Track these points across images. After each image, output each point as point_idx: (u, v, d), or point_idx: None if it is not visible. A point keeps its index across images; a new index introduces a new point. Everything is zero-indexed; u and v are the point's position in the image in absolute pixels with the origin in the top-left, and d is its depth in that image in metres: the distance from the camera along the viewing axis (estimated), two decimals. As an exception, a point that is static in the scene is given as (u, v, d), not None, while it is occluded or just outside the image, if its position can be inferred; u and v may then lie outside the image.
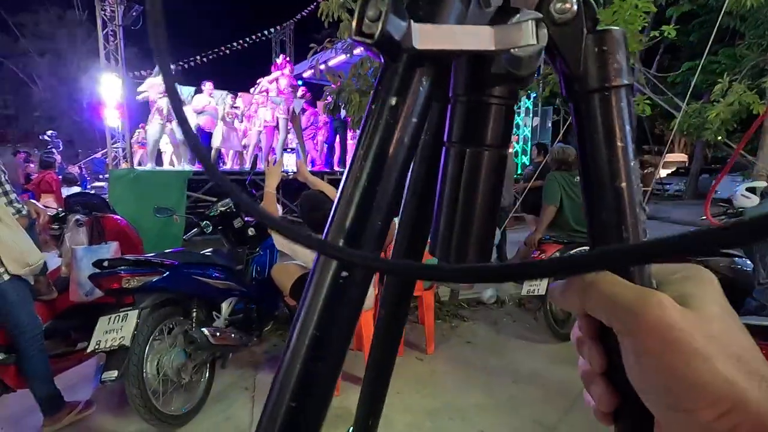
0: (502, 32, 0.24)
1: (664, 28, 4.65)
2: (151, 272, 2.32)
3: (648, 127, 17.43)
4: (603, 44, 0.26)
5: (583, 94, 0.27)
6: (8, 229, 2.11)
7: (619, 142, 0.26)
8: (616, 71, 0.26)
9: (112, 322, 2.19)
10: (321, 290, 0.25)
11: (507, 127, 0.29)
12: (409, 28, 0.22)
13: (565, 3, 0.26)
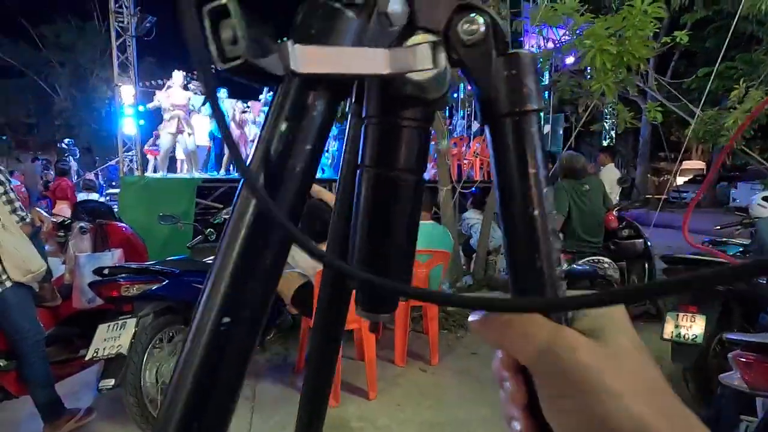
0: (397, 55, 0.22)
1: (677, 34, 4.57)
2: (151, 280, 2.33)
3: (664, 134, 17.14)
4: (513, 68, 0.25)
5: (496, 118, 0.25)
6: (11, 237, 2.14)
7: (531, 169, 0.25)
8: (526, 96, 0.25)
9: (110, 330, 2.20)
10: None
11: (422, 151, 0.27)
12: (287, 50, 0.20)
13: (473, 24, 0.24)
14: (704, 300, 2.54)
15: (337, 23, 0.22)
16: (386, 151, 0.27)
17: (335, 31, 0.22)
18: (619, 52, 3.99)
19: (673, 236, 8.84)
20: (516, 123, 0.25)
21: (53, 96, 21.35)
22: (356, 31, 0.22)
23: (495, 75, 0.25)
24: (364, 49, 0.22)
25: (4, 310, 2.14)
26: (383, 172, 0.27)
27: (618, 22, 4.06)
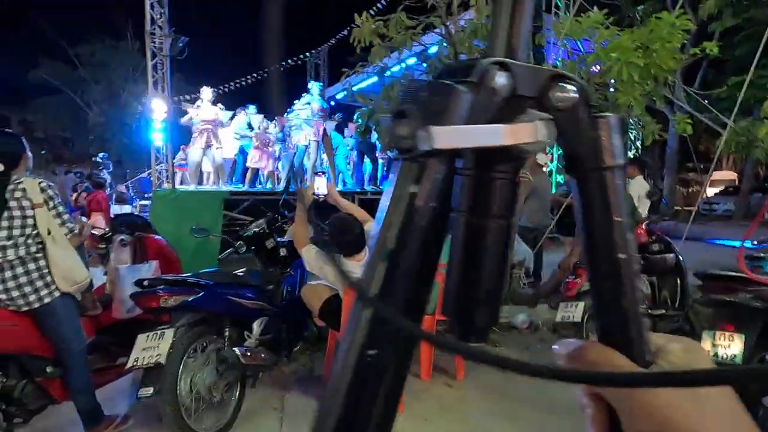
0: (514, 130, 0.26)
1: (706, 44, 4.49)
2: (188, 292, 2.42)
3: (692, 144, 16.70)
4: (600, 128, 0.28)
5: (583, 171, 0.28)
6: (60, 249, 2.27)
7: (617, 218, 0.28)
8: (612, 153, 0.28)
9: (149, 339, 2.28)
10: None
11: (511, 198, 0.30)
12: (429, 131, 0.24)
13: (566, 92, 0.27)
14: (742, 318, 2.46)
15: (455, 99, 0.26)
16: (480, 200, 0.30)
17: (454, 106, 0.25)
18: (646, 65, 3.95)
19: (704, 250, 8.55)
20: (604, 177, 0.28)
21: (87, 111, 22.37)
22: (469, 104, 0.26)
23: (584, 135, 0.28)
24: (486, 126, 0.25)
25: (53, 321, 2.25)
26: (476, 219, 0.31)
27: (645, 34, 4.03)
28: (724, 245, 9.33)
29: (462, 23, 5.21)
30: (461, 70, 0.27)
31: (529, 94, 0.28)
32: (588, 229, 0.29)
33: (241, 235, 3.49)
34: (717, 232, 10.63)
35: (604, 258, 0.29)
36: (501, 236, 0.31)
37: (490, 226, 0.31)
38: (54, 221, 2.26)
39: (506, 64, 0.27)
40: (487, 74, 0.26)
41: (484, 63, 0.27)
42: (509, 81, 0.27)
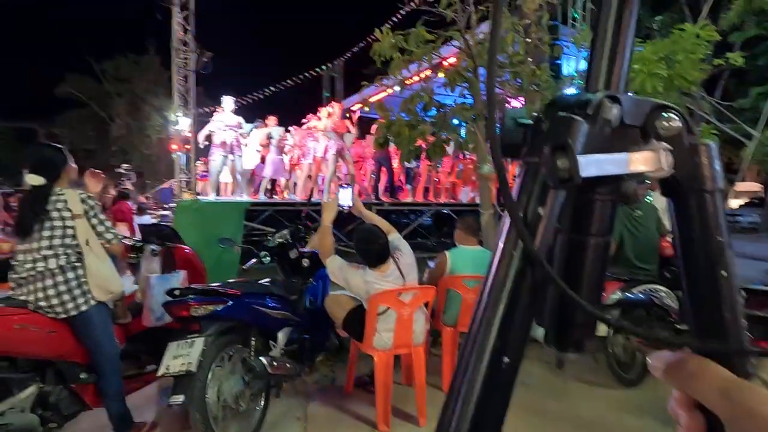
0: (638, 159, 0.28)
1: (730, 55, 4.45)
2: (217, 301, 2.46)
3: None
4: (702, 154, 0.30)
5: (684, 194, 0.30)
6: (97, 259, 2.34)
7: (719, 237, 0.30)
8: (712, 178, 0.31)
9: (180, 347, 2.33)
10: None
11: (610, 218, 0.32)
12: (576, 161, 0.26)
13: (671, 122, 0.30)
14: (778, 334, 2.40)
15: (575, 130, 0.28)
16: (581, 220, 0.33)
17: (575, 137, 0.28)
18: (670, 76, 3.93)
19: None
20: (704, 198, 0.31)
21: (110, 124, 23.08)
22: (587, 134, 0.28)
23: (686, 160, 0.31)
24: (614, 155, 0.28)
25: (88, 328, 2.31)
26: (578, 237, 0.33)
27: (668, 45, 4.02)
28: (750, 258, 9.08)
29: (480, 36, 5.26)
30: (575, 103, 0.30)
31: (635, 124, 0.30)
32: (688, 251, 0.31)
33: (265, 245, 3.54)
34: (742, 245, 10.35)
35: (705, 276, 0.31)
36: (599, 253, 0.33)
37: (590, 243, 0.33)
38: (91, 232, 2.34)
39: (617, 96, 0.30)
40: (601, 107, 0.29)
41: (598, 96, 0.29)
42: (619, 112, 0.29)
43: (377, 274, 2.78)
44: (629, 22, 0.32)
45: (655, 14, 13.91)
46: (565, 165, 0.26)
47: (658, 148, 0.29)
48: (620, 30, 0.32)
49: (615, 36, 0.32)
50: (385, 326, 2.81)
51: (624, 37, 0.32)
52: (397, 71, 5.15)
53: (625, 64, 0.32)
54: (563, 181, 0.26)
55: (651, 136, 0.31)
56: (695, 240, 0.31)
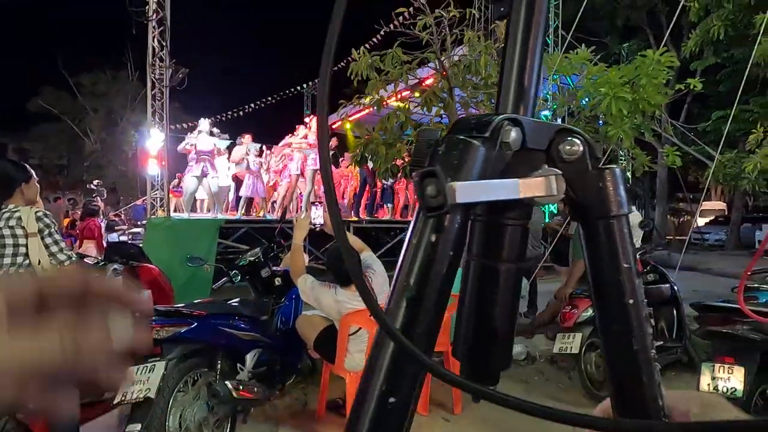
0: (528, 185, 0.27)
1: (690, 81, 4.67)
2: (181, 323, 2.37)
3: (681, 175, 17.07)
4: (605, 180, 0.29)
5: (590, 220, 0.30)
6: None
7: (624, 264, 0.29)
8: (617, 203, 0.30)
9: (139, 372, 2.22)
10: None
11: (522, 244, 0.31)
12: (452, 188, 0.25)
13: (573, 146, 0.29)
14: (741, 350, 2.45)
15: (471, 154, 0.27)
16: (492, 245, 0.32)
17: (470, 160, 0.27)
18: (634, 99, 4.09)
19: (698, 279, 8.59)
20: (610, 225, 0.30)
21: (84, 139, 22.53)
22: (484, 157, 0.27)
23: (590, 185, 0.30)
24: (503, 180, 0.27)
25: (40, 352, 2.18)
26: (489, 263, 0.32)
27: (631, 70, 4.20)
28: (717, 275, 9.39)
29: (455, 58, 5.40)
30: (475, 125, 0.29)
31: (539, 147, 0.30)
32: (596, 276, 0.31)
33: (236, 264, 3.46)
34: (708, 262, 10.70)
35: (613, 303, 0.30)
36: (511, 280, 0.32)
37: (501, 269, 0.32)
38: (44, 252, 2.23)
39: (518, 120, 0.29)
40: (500, 130, 0.28)
41: (497, 119, 0.28)
42: (520, 135, 0.29)
43: (349, 293, 2.74)
44: (536, 46, 0.32)
45: (623, 41, 14.61)
46: (434, 192, 0.25)
47: (549, 174, 0.28)
48: (527, 54, 0.31)
49: (522, 60, 0.31)
50: (357, 347, 2.75)
51: (531, 61, 0.32)
52: (374, 91, 5.22)
53: (532, 88, 0.32)
54: (432, 209, 0.24)
55: (555, 161, 0.30)
56: (603, 267, 0.30)
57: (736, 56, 8.84)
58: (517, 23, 0.32)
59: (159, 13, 6.57)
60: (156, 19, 6.42)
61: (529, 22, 0.32)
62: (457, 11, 5.23)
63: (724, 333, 2.50)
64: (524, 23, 0.32)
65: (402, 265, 0.28)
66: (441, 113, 5.65)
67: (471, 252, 0.32)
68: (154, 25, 6.49)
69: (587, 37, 10.76)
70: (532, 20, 0.32)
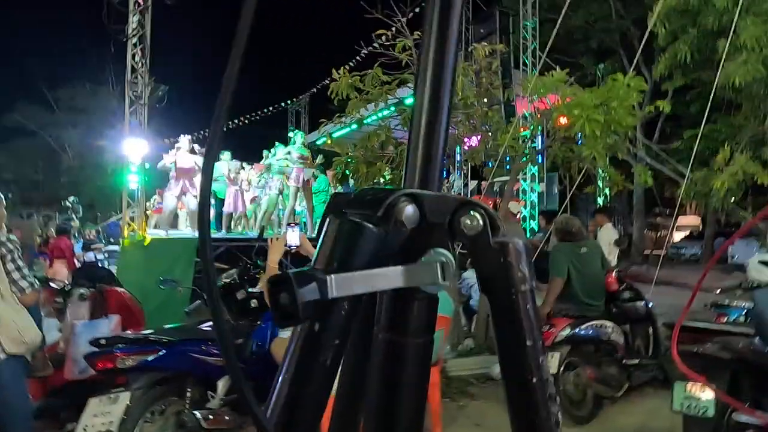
0: (412, 272, 0.26)
1: (659, 103, 4.85)
2: (148, 350, 2.29)
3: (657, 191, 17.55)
4: (507, 255, 0.29)
5: (494, 296, 0.29)
6: (9, 307, 2.13)
7: (528, 341, 0.28)
8: (520, 279, 0.29)
9: (101, 404, 2.12)
10: None
11: (430, 317, 0.31)
12: (329, 282, 0.24)
13: (473, 220, 0.29)
14: (711, 369, 2.48)
15: (361, 239, 0.26)
16: (399, 319, 0.31)
17: (359, 246, 0.26)
18: (607, 121, 4.21)
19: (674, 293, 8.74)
20: (513, 301, 0.29)
21: (61, 154, 22.03)
22: (376, 239, 0.27)
23: (492, 260, 0.29)
24: (386, 270, 0.26)
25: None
26: (395, 338, 0.31)
27: (603, 93, 4.33)
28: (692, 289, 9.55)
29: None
30: (370, 201, 0.28)
31: (439, 221, 0.29)
32: (501, 350, 0.30)
33: (210, 286, 3.38)
34: (685, 276, 10.94)
35: (517, 381, 0.29)
36: (419, 356, 0.31)
37: (409, 343, 0.31)
38: (4, 278, 2.14)
39: (415, 195, 0.28)
40: (393, 208, 0.27)
41: (392, 197, 0.28)
42: (416, 211, 0.28)
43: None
44: (442, 120, 0.31)
45: (598, 62, 15.12)
46: (287, 300, 0.24)
47: (434, 260, 0.28)
48: (434, 128, 0.31)
49: (428, 138, 0.31)
50: (332, 371, 2.70)
51: (437, 134, 0.31)
52: (354, 110, 5.26)
53: (437, 161, 0.31)
54: (285, 317, 0.24)
55: (457, 235, 0.29)
56: (507, 342, 0.30)
57: (704, 78, 9.23)
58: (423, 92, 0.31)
59: (139, 31, 6.54)
60: (136, 37, 6.39)
61: (437, 89, 0.31)
62: (436, 33, 5.34)
63: (694, 352, 2.53)
64: (431, 89, 0.31)
65: (284, 357, 0.27)
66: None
67: (379, 324, 0.31)
68: (134, 42, 6.44)
69: (563, 57, 11.12)
70: (440, 89, 0.31)
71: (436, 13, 0.31)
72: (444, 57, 0.31)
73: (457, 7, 0.31)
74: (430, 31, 0.31)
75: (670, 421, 2.80)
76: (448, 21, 0.31)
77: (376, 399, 0.31)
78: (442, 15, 0.31)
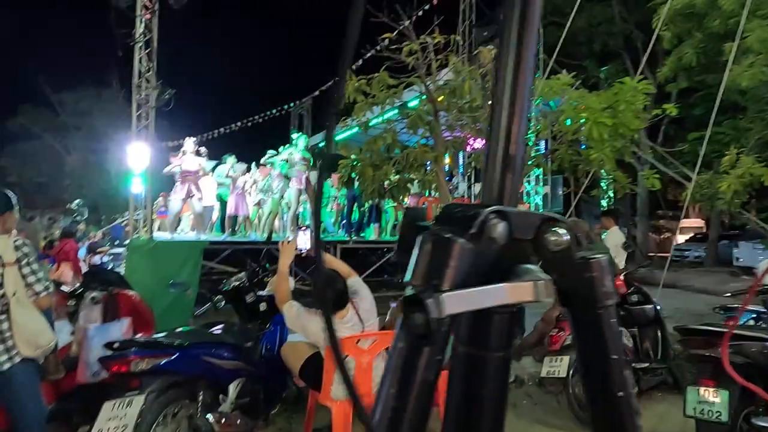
0: (516, 290, 0.27)
1: (666, 106, 4.85)
2: (160, 354, 2.30)
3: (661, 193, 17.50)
4: (591, 270, 0.29)
5: (577, 310, 0.29)
6: (24, 310, 2.14)
7: (613, 355, 0.29)
8: (605, 294, 0.29)
9: (116, 408, 2.13)
10: None
11: (510, 332, 0.31)
12: (439, 301, 0.24)
13: (558, 236, 0.29)
14: (723, 374, 2.47)
15: (457, 255, 0.27)
16: (480, 333, 0.31)
17: (456, 262, 0.27)
18: (614, 124, 4.21)
19: (680, 296, 8.73)
20: (598, 316, 0.30)
21: (65, 157, 22.10)
22: (470, 256, 0.27)
23: (576, 275, 0.30)
24: (493, 287, 0.26)
25: (11, 387, 2.08)
26: (476, 351, 0.31)
27: (610, 96, 4.34)
28: (698, 291, 9.56)
29: (441, 82, 5.50)
30: (460, 219, 0.29)
31: (525, 237, 0.30)
32: (585, 365, 0.30)
33: (220, 288, 3.39)
34: (689, 279, 10.90)
35: (602, 396, 0.30)
36: (499, 369, 0.31)
37: (488, 357, 0.31)
38: (21, 282, 2.15)
39: (504, 212, 0.29)
40: (486, 224, 0.28)
41: (483, 214, 0.28)
42: (506, 228, 0.29)
43: (335, 320, 2.69)
44: (520, 130, 0.32)
45: (602, 65, 15.14)
46: (421, 320, 0.24)
47: (537, 279, 0.28)
48: (510, 140, 0.31)
49: (506, 146, 0.32)
50: (343, 375, 2.70)
51: (517, 147, 0.32)
52: (360, 113, 5.27)
53: (516, 176, 0.32)
54: (419, 338, 0.24)
55: (542, 250, 0.30)
56: (591, 357, 0.30)
57: (709, 81, 9.22)
58: (501, 102, 0.32)
59: (146, 35, 6.57)
60: (144, 41, 6.42)
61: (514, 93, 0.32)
62: (442, 37, 5.37)
63: (706, 356, 2.53)
64: (509, 100, 0.32)
65: (387, 370, 0.28)
66: (426, 135, 5.74)
67: (460, 339, 0.32)
68: (141, 46, 6.48)
69: (567, 60, 11.12)
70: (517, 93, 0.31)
71: (516, 18, 0.32)
72: (521, 63, 0.31)
73: (537, 14, 0.31)
74: (509, 36, 0.32)
75: (680, 425, 2.79)
76: (528, 25, 0.31)
77: (455, 412, 0.32)
78: (522, 20, 0.32)
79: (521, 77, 0.32)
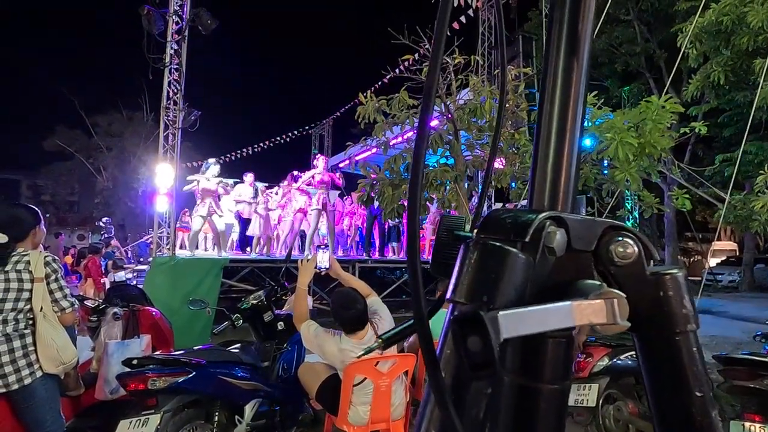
0: (584, 311, 0.22)
1: (694, 124, 4.71)
2: (178, 372, 2.27)
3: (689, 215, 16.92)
4: (665, 288, 0.25)
5: (649, 336, 0.25)
6: (49, 326, 2.16)
7: (697, 392, 0.24)
8: (684, 317, 0.25)
9: (132, 426, 2.10)
10: None
11: (567, 360, 0.26)
12: (497, 322, 0.20)
13: (627, 248, 0.25)
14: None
15: (509, 266, 0.23)
16: (533, 362, 0.27)
17: (509, 274, 0.23)
18: (640, 144, 4.10)
19: (713, 323, 8.29)
20: (675, 343, 0.25)
21: (96, 176, 23.00)
22: (524, 268, 0.23)
23: (647, 294, 0.25)
24: (556, 306, 0.22)
25: (31, 403, 2.08)
26: (528, 383, 0.27)
27: (636, 115, 4.24)
28: (734, 318, 9.06)
29: (461, 102, 5.51)
30: (511, 225, 0.25)
31: (586, 249, 0.25)
32: (659, 404, 0.25)
33: (238, 307, 3.37)
34: (724, 305, 10.37)
35: None
36: (554, 404, 0.27)
37: (542, 390, 0.26)
38: (48, 298, 2.18)
39: (561, 218, 0.25)
40: (541, 232, 0.24)
41: (538, 219, 0.24)
42: (564, 238, 0.24)
43: (354, 341, 2.63)
44: (574, 131, 0.28)
45: (623, 84, 14.97)
46: (479, 346, 0.20)
47: (609, 297, 0.24)
48: (564, 142, 0.28)
49: (558, 149, 0.28)
50: (361, 399, 2.61)
51: (570, 149, 0.28)
52: (380, 133, 5.31)
53: (572, 180, 0.27)
54: (477, 367, 0.20)
55: (605, 264, 0.25)
56: (666, 394, 0.25)
57: (737, 99, 8.97)
58: (552, 100, 0.28)
59: (176, 58, 6.85)
60: (173, 65, 6.69)
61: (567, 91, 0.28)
62: (462, 57, 5.40)
63: (751, 388, 2.35)
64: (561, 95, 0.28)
65: (424, 406, 0.24)
66: (446, 154, 5.72)
67: (507, 367, 0.27)
68: (171, 70, 6.75)
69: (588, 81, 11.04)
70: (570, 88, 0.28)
71: (566, 21, 0.28)
72: (576, 55, 0.28)
73: (590, 17, 0.28)
74: (560, 35, 0.28)
75: (723, 464, 2.59)
76: (579, 23, 0.28)
77: None
78: (571, 22, 0.28)
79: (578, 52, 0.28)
